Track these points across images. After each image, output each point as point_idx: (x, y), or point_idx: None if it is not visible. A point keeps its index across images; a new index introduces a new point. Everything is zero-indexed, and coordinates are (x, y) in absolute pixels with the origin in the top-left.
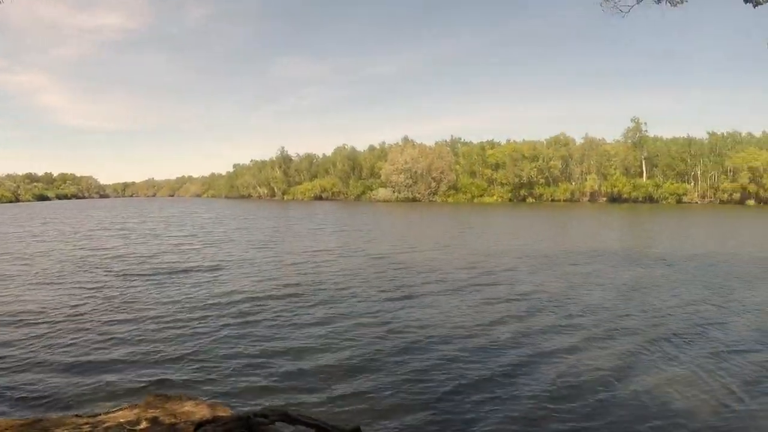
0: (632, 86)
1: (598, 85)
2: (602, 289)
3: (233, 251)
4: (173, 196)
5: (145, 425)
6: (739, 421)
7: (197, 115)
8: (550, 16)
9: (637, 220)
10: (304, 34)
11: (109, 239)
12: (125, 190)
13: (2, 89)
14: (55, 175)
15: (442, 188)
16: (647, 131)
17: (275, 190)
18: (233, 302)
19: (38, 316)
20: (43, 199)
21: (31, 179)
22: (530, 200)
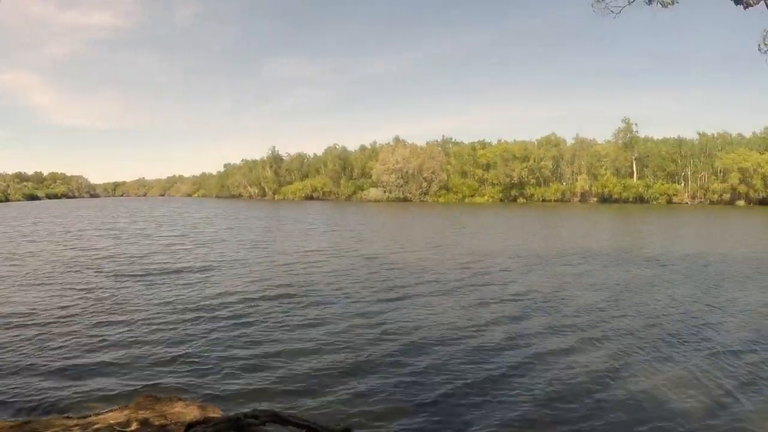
0: (624, 87)
1: (590, 85)
2: (595, 289)
3: (225, 251)
4: (164, 195)
5: (135, 426)
6: (734, 421)
7: (188, 114)
8: (542, 16)
9: (627, 220)
10: (295, 33)
11: (99, 239)
12: (116, 189)
13: None
14: (45, 174)
15: (433, 188)
16: (638, 132)
17: (266, 189)
18: (225, 303)
19: (28, 317)
20: (32, 198)
21: (21, 178)
22: (521, 200)
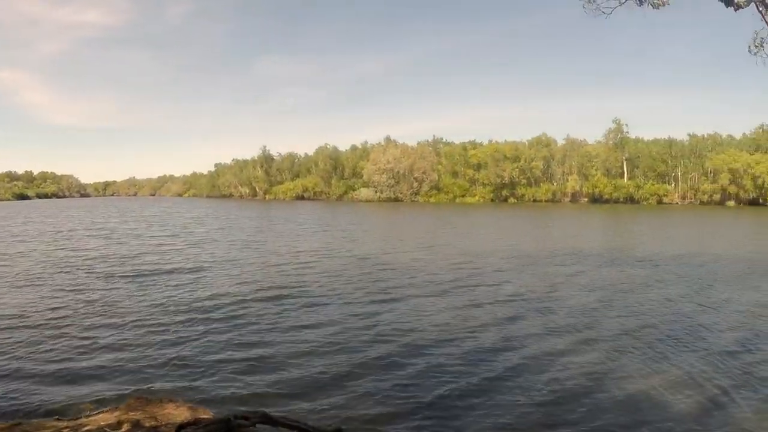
0: (614, 87)
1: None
2: (588, 289)
3: (216, 252)
4: (154, 195)
5: (126, 428)
6: (730, 421)
7: (179, 113)
8: (533, 16)
9: (618, 220)
10: (287, 32)
11: (90, 239)
12: (106, 189)
13: None
14: (35, 173)
15: (424, 188)
16: (628, 132)
17: (257, 189)
18: (217, 305)
19: (18, 319)
20: (22, 198)
21: (10, 178)
22: (512, 200)
